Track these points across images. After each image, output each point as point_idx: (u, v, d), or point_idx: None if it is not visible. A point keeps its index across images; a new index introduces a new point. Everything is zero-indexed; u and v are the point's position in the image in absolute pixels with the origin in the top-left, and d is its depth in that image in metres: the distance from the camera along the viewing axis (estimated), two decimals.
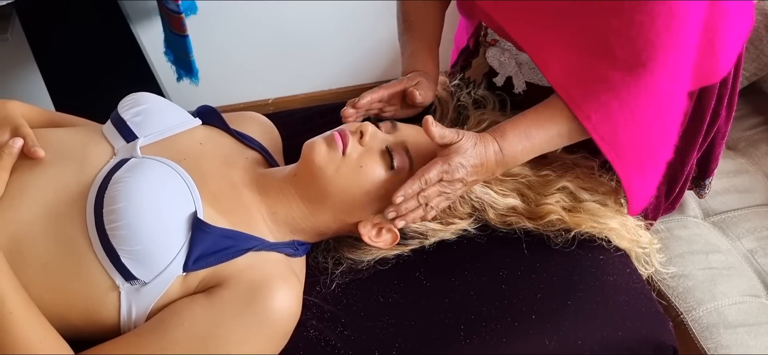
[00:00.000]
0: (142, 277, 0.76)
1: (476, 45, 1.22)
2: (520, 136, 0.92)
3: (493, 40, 1.15)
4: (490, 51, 1.16)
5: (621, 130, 0.91)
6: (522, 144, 0.92)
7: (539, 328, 0.88)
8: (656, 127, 0.94)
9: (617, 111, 0.90)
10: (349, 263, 0.94)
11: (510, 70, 1.14)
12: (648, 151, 0.96)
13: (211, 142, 0.94)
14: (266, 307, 0.77)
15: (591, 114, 0.91)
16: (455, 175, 0.88)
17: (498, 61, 1.15)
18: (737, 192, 1.42)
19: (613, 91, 0.90)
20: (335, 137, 0.87)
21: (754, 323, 1.16)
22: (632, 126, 0.91)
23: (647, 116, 0.91)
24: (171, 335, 0.74)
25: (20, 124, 0.84)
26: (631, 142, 0.93)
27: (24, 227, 0.76)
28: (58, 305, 0.76)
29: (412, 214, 0.88)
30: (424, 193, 0.87)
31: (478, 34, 1.19)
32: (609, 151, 0.92)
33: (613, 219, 0.97)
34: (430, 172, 0.86)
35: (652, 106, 0.91)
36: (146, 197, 0.77)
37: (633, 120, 0.91)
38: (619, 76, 0.89)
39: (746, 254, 1.31)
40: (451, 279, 0.93)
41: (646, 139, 0.94)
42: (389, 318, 0.88)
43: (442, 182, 0.88)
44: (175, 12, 1.56)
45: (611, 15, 0.87)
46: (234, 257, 0.81)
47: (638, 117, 0.91)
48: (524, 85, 1.13)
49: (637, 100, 0.90)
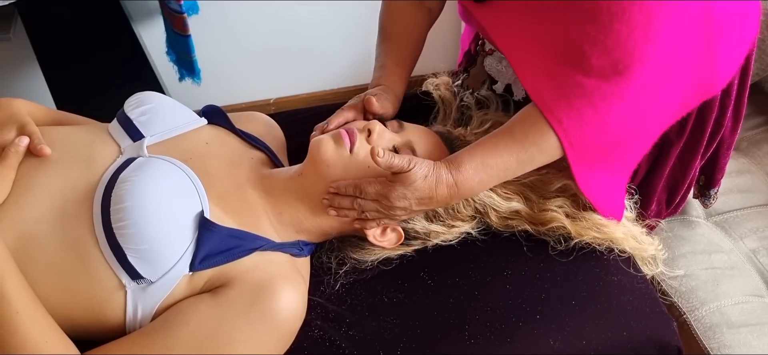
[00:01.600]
0: (149, 276, 0.76)
1: (476, 53, 1.22)
2: (477, 167, 0.89)
3: (490, 50, 1.15)
4: (488, 60, 1.16)
5: (587, 135, 0.89)
6: (478, 176, 0.89)
7: (544, 328, 0.88)
8: (625, 135, 0.91)
9: (590, 117, 0.88)
10: (353, 263, 0.94)
11: (509, 78, 1.14)
12: (617, 154, 0.94)
13: (216, 141, 0.94)
14: (272, 307, 0.77)
15: (563, 118, 0.88)
16: (395, 203, 0.87)
17: (495, 69, 1.15)
18: (739, 192, 1.43)
19: (587, 97, 0.87)
20: (343, 134, 0.87)
21: (757, 323, 1.16)
22: (601, 132, 0.89)
23: (619, 124, 0.89)
24: (177, 335, 0.74)
25: (26, 122, 0.84)
26: (598, 147, 0.91)
27: (31, 225, 0.76)
28: (64, 303, 0.76)
29: (346, 211, 0.88)
30: (358, 200, 0.87)
31: (477, 41, 1.19)
32: (572, 155, 0.90)
33: (617, 229, 0.96)
34: (368, 187, 0.86)
35: (624, 114, 0.88)
36: (153, 196, 0.77)
37: (603, 127, 0.89)
38: (594, 84, 0.87)
39: (749, 253, 1.31)
40: (456, 279, 0.94)
41: (612, 145, 0.92)
42: (394, 318, 0.88)
43: (379, 202, 0.87)
44: (177, 12, 1.56)
45: (587, 21, 0.85)
46: (240, 257, 0.81)
47: (610, 124, 0.88)
48: (523, 93, 1.13)
49: (609, 105, 0.87)
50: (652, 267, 0.99)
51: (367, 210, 0.88)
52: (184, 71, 1.77)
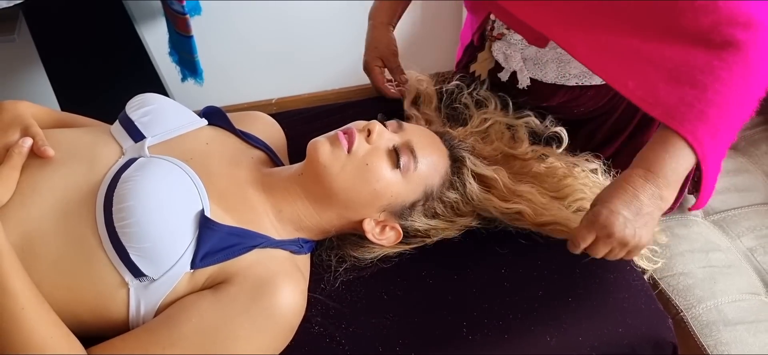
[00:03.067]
0: (151, 274, 0.77)
1: (481, 40, 1.23)
2: (660, 149, 0.86)
3: (500, 34, 1.15)
4: (496, 45, 1.17)
5: (661, 89, 0.86)
6: (669, 154, 0.85)
7: (541, 325, 0.89)
8: (706, 85, 0.84)
9: (654, 74, 0.86)
10: (352, 261, 0.95)
11: (515, 65, 1.15)
12: (714, 109, 0.85)
13: (217, 142, 0.95)
14: (272, 303, 0.78)
15: (627, 81, 0.88)
16: (614, 223, 0.83)
17: (503, 54, 1.16)
18: (737, 191, 1.43)
19: (647, 59, 0.86)
20: (339, 136, 0.88)
21: (754, 321, 1.17)
22: (674, 85, 0.85)
23: (691, 76, 0.84)
24: (179, 331, 0.76)
25: (30, 123, 0.85)
26: (679, 97, 0.85)
27: (35, 225, 0.78)
28: (68, 301, 0.77)
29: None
30: (591, 251, 0.87)
31: (484, 29, 1.20)
32: (652, 109, 0.86)
33: None
34: (579, 233, 0.86)
35: (690, 66, 0.85)
36: (155, 195, 0.78)
37: (674, 80, 0.85)
38: (652, 47, 0.86)
39: (746, 252, 1.32)
40: (454, 276, 0.95)
41: (697, 94, 0.85)
42: (393, 315, 0.89)
43: (601, 238, 0.85)
44: (179, 13, 1.58)
45: None
46: (240, 255, 0.82)
47: (681, 76, 0.85)
48: (528, 81, 1.15)
49: (674, 62, 0.85)
50: (650, 263, 1.00)
51: (601, 255, 0.87)
52: (186, 72, 1.78)
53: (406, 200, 0.91)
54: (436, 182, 0.93)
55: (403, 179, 0.89)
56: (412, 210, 0.93)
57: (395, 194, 0.90)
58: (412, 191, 0.91)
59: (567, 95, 1.15)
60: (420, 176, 0.91)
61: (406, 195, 0.91)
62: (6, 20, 1.62)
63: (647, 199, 0.84)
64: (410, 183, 0.90)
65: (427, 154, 0.91)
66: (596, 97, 1.15)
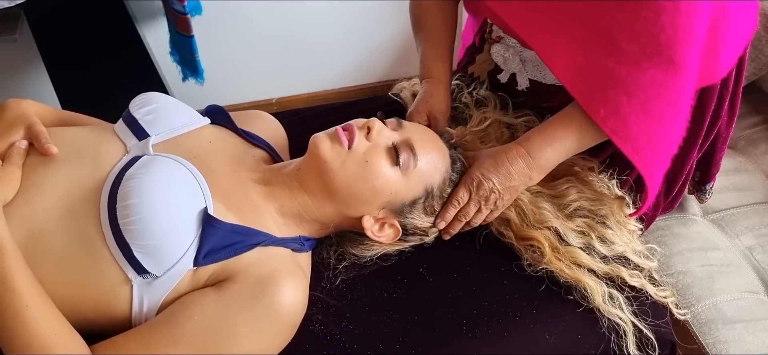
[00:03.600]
0: (154, 271, 0.77)
1: (482, 42, 1.23)
2: (548, 138, 0.96)
3: (498, 37, 1.16)
4: (495, 47, 1.17)
5: (632, 123, 0.90)
6: (550, 146, 0.96)
7: (540, 323, 0.90)
8: (671, 120, 0.93)
9: (626, 104, 0.90)
10: (352, 259, 0.95)
11: (514, 67, 1.15)
12: (667, 143, 0.95)
13: (219, 140, 0.96)
14: (274, 300, 0.79)
15: (599, 108, 0.91)
16: (482, 187, 0.94)
17: (502, 57, 1.16)
18: (736, 190, 1.44)
19: (621, 85, 0.90)
20: (339, 133, 0.89)
21: (752, 319, 1.18)
22: (645, 119, 0.91)
23: (660, 110, 0.91)
24: (181, 328, 0.76)
25: (34, 122, 0.86)
26: (647, 135, 0.92)
27: (39, 222, 0.78)
28: (72, 298, 0.77)
29: (454, 227, 0.97)
30: (462, 212, 0.96)
31: (484, 31, 1.21)
32: (622, 144, 0.91)
33: (588, 276, 0.93)
34: (458, 193, 0.94)
35: (662, 99, 0.90)
36: (159, 192, 0.78)
37: (644, 113, 0.90)
38: (626, 71, 0.89)
39: (745, 251, 1.32)
40: (454, 275, 0.95)
41: (662, 132, 0.93)
42: (393, 313, 0.90)
43: (473, 198, 0.95)
44: (180, 13, 1.58)
45: (616, 10, 0.88)
46: (243, 252, 0.82)
47: (651, 110, 0.91)
48: (527, 83, 1.15)
49: (647, 93, 0.90)
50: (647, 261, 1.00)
51: (470, 215, 0.96)
52: (187, 71, 1.78)
53: (406, 197, 0.92)
54: (436, 179, 0.93)
55: (403, 177, 0.90)
56: (412, 208, 0.93)
57: (395, 191, 0.90)
58: (412, 188, 0.91)
59: (567, 96, 1.15)
60: (420, 174, 0.91)
61: (405, 193, 0.91)
62: (7, 20, 1.62)
63: (517, 174, 0.95)
64: (410, 180, 0.91)
65: (427, 151, 0.92)
66: None
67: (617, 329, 0.90)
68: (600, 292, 0.91)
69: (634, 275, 0.95)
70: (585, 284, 0.92)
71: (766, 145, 1.52)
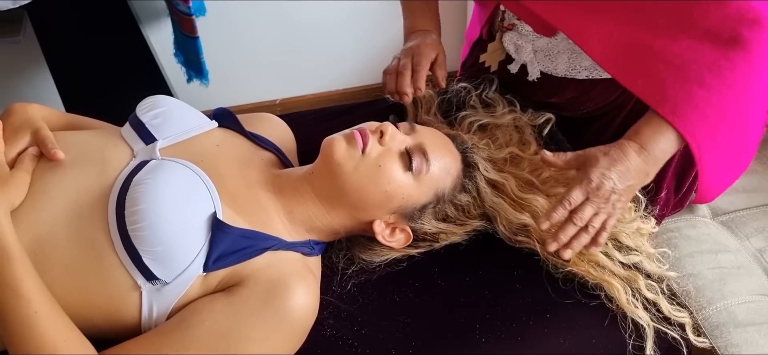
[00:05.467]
0: (164, 277, 0.77)
1: (489, 34, 1.22)
2: (657, 129, 0.90)
3: (511, 24, 1.15)
4: (507, 35, 1.16)
5: (669, 86, 0.89)
6: (664, 136, 0.90)
7: (554, 327, 0.89)
8: (716, 86, 0.89)
9: (663, 71, 0.89)
10: (362, 264, 0.94)
11: (526, 57, 1.14)
12: (713, 110, 0.90)
13: (227, 144, 0.95)
14: (285, 305, 0.78)
15: (637, 79, 0.91)
16: (603, 187, 0.87)
17: (514, 45, 1.15)
18: (745, 191, 1.43)
19: (658, 55, 0.89)
20: (355, 135, 0.88)
21: (764, 322, 1.16)
22: (681, 82, 0.88)
23: (700, 73, 0.88)
24: (192, 334, 0.75)
25: (40, 126, 0.85)
26: (686, 97, 0.89)
27: (47, 228, 0.77)
28: (80, 304, 0.77)
29: (576, 240, 0.89)
30: (578, 216, 0.87)
31: (492, 22, 1.20)
32: (661, 107, 0.89)
33: (612, 275, 0.93)
34: (572, 193, 0.87)
35: (700, 62, 0.88)
36: (168, 198, 0.78)
37: (681, 77, 0.88)
38: (662, 42, 0.88)
39: (755, 253, 1.31)
40: (466, 278, 0.94)
41: (705, 96, 0.89)
42: (405, 317, 0.89)
43: (592, 200, 0.87)
44: (185, 14, 1.57)
45: None
46: (252, 257, 0.82)
47: (688, 74, 0.88)
48: (538, 74, 1.14)
49: (682, 58, 0.88)
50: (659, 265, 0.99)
51: (587, 218, 0.88)
52: (192, 73, 1.78)
53: (417, 202, 0.91)
54: (447, 184, 0.92)
55: (415, 182, 0.89)
56: (422, 212, 0.92)
57: (406, 196, 0.89)
58: (424, 193, 0.91)
59: (576, 90, 1.14)
60: (432, 179, 0.90)
61: (417, 197, 0.90)
62: (11, 22, 1.62)
63: (635, 172, 0.89)
64: (422, 185, 0.90)
65: (439, 156, 0.91)
66: (605, 93, 1.14)
67: (639, 330, 0.89)
68: (624, 292, 0.91)
69: (652, 288, 0.94)
70: (610, 284, 0.91)
71: None
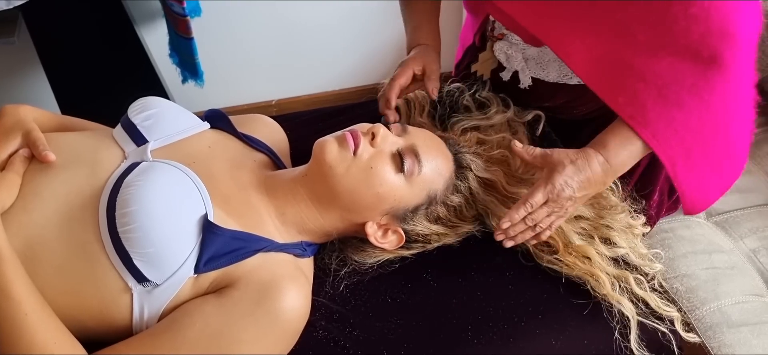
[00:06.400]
0: (154, 279, 0.77)
1: (482, 41, 1.22)
2: (622, 141, 0.92)
3: (501, 34, 1.15)
4: (498, 45, 1.16)
5: (650, 109, 0.90)
6: (626, 150, 0.93)
7: (546, 328, 0.89)
8: (692, 106, 0.91)
9: (644, 91, 0.90)
10: (354, 265, 0.94)
11: (517, 65, 1.15)
12: (689, 131, 0.92)
13: (219, 145, 0.95)
14: (276, 307, 0.78)
15: (617, 97, 0.92)
16: (562, 194, 0.90)
17: (505, 54, 1.16)
18: (739, 192, 1.43)
19: (638, 74, 0.90)
20: (347, 137, 0.88)
21: (757, 322, 1.17)
22: (662, 104, 0.90)
23: (679, 95, 0.90)
24: (183, 335, 0.75)
25: (31, 128, 0.85)
26: (666, 120, 0.91)
27: (38, 230, 0.77)
28: (71, 306, 0.77)
29: (521, 235, 0.92)
30: (531, 216, 0.90)
31: (484, 29, 1.20)
32: (642, 130, 0.91)
33: (601, 271, 0.93)
34: (535, 196, 0.89)
35: (681, 84, 0.89)
36: (158, 200, 0.77)
37: (662, 98, 0.90)
38: (643, 60, 0.89)
39: (749, 253, 1.31)
40: (458, 280, 0.94)
41: (683, 119, 0.91)
42: (397, 319, 0.89)
43: (549, 203, 0.90)
44: (180, 15, 1.57)
45: (629, 4, 0.87)
46: (244, 258, 0.82)
47: (668, 96, 0.90)
48: (530, 81, 1.14)
49: (664, 79, 0.89)
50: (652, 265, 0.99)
51: (539, 220, 0.91)
52: (187, 73, 1.78)
53: (409, 203, 0.91)
54: (439, 186, 0.92)
55: (407, 183, 0.89)
56: (414, 214, 0.92)
57: (398, 197, 0.89)
58: (416, 194, 0.91)
59: (569, 95, 1.14)
60: (424, 180, 0.90)
61: (409, 199, 0.90)
62: (5, 22, 1.61)
63: (595, 182, 0.92)
64: (414, 187, 0.90)
65: (431, 158, 0.91)
66: (597, 96, 1.15)
67: (625, 323, 0.89)
68: (609, 282, 0.91)
69: (641, 283, 0.94)
70: (596, 275, 0.92)
71: None
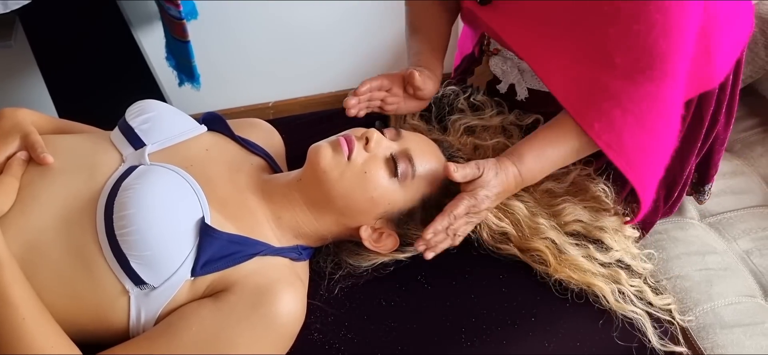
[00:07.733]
0: (152, 282, 0.77)
1: (480, 53, 1.23)
2: (537, 156, 0.95)
3: (496, 50, 1.16)
4: (493, 60, 1.17)
5: (627, 137, 0.92)
6: (539, 164, 0.95)
7: (539, 330, 0.90)
8: (663, 132, 0.94)
9: (620, 118, 0.91)
10: (349, 269, 0.95)
11: (512, 78, 1.16)
12: (660, 156, 0.96)
13: (216, 148, 0.95)
14: (272, 310, 0.78)
15: (594, 123, 0.92)
16: (481, 206, 0.92)
17: (501, 69, 1.16)
18: (733, 194, 1.44)
19: (615, 98, 0.91)
20: (341, 142, 0.89)
21: (750, 323, 1.18)
22: (639, 132, 0.92)
23: (654, 122, 0.92)
24: (179, 339, 0.76)
25: (30, 131, 0.85)
26: (640, 148, 0.93)
27: (36, 234, 0.78)
28: (69, 309, 0.77)
29: (442, 244, 0.92)
30: (452, 227, 0.91)
31: (482, 43, 1.21)
32: (617, 158, 0.93)
33: (595, 275, 0.94)
34: (458, 208, 0.90)
35: (656, 111, 0.92)
36: (156, 203, 0.78)
37: (639, 126, 0.92)
38: (620, 85, 0.90)
39: (742, 254, 1.32)
40: (452, 283, 0.95)
41: (655, 144, 0.95)
42: (392, 321, 0.90)
43: (469, 214, 0.92)
44: (176, 18, 1.58)
45: (609, 24, 0.88)
46: (241, 262, 0.82)
47: (645, 123, 0.92)
48: (526, 93, 1.15)
49: (640, 106, 0.91)
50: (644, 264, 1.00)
51: (458, 229, 0.92)
52: (183, 76, 1.78)
53: (403, 207, 0.91)
54: (433, 189, 0.93)
55: (401, 187, 0.90)
56: (409, 218, 0.93)
57: (392, 201, 0.90)
58: (410, 199, 0.91)
59: None
60: (418, 184, 0.91)
61: (403, 203, 0.91)
62: (2, 26, 1.62)
63: (507, 193, 0.96)
64: (408, 191, 0.90)
65: (424, 161, 0.92)
66: None
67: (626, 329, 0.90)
68: (610, 291, 0.92)
69: (634, 281, 0.95)
70: (595, 286, 0.92)
71: (763, 148, 1.52)
